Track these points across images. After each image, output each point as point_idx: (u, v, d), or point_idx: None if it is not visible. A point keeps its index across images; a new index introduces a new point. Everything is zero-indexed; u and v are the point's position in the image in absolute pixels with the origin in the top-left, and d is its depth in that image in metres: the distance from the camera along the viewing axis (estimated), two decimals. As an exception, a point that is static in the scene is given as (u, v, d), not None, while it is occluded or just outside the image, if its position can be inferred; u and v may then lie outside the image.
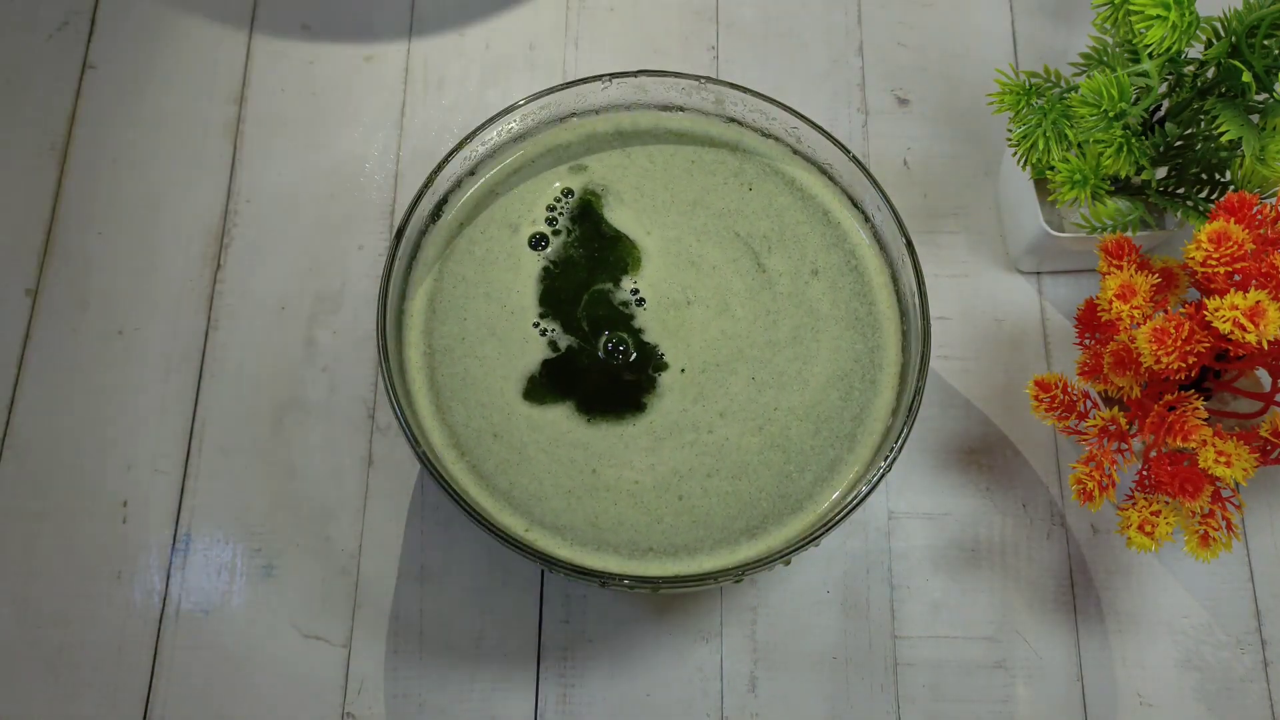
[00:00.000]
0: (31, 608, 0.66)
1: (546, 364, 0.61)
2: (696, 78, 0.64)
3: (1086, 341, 0.63)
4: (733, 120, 0.66)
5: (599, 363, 0.61)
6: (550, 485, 0.58)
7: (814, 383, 0.61)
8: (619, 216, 0.64)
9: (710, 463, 0.59)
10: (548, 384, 0.60)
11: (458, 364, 0.61)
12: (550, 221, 0.64)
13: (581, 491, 0.58)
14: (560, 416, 0.60)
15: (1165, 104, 0.65)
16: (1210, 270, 0.55)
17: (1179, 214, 0.66)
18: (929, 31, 0.81)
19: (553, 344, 0.61)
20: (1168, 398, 0.58)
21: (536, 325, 0.62)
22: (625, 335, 0.62)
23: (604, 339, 0.61)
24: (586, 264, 0.63)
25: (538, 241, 0.64)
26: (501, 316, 0.62)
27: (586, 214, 0.64)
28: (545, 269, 0.63)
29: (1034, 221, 0.69)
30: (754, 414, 0.60)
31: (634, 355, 0.61)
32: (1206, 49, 0.61)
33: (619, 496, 0.58)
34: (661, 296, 0.63)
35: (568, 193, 0.65)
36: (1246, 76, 0.58)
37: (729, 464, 0.59)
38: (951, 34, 0.81)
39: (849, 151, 0.61)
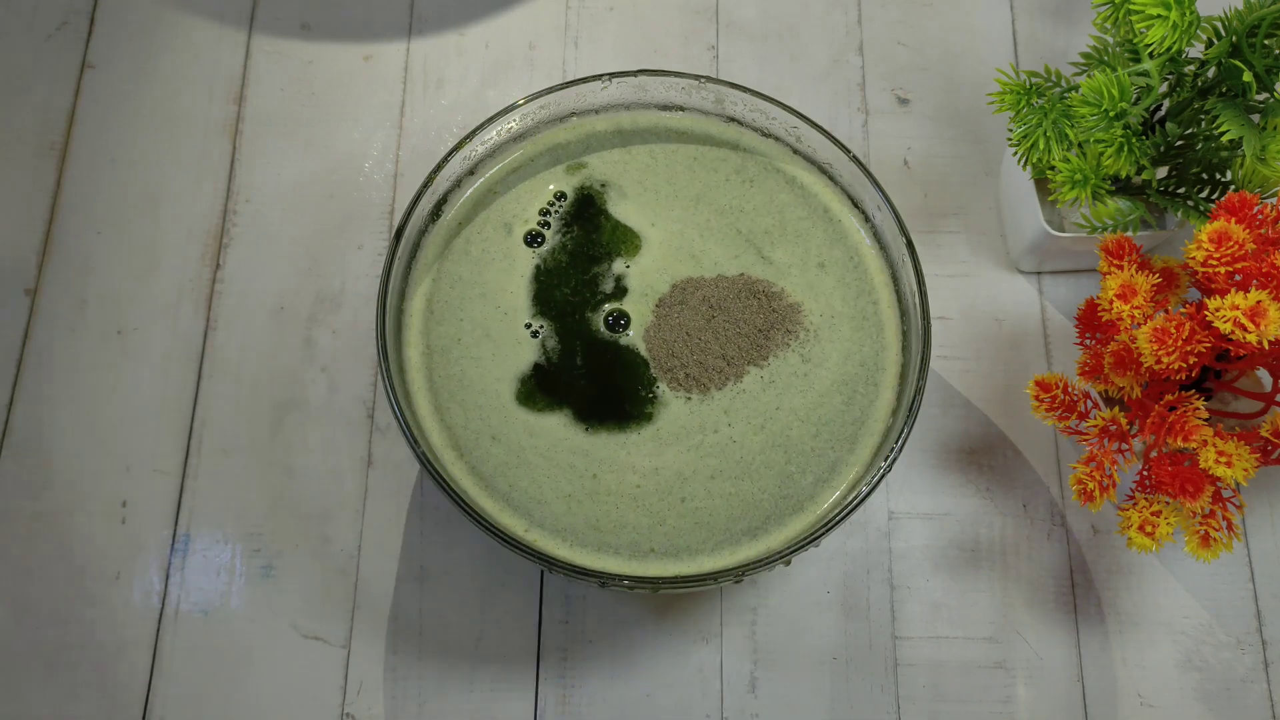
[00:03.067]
0: (31, 608, 0.66)
1: (538, 367, 0.61)
2: (696, 77, 0.63)
3: (1087, 341, 0.63)
4: (733, 120, 0.66)
5: (592, 366, 0.61)
6: (550, 490, 0.58)
7: (819, 386, 0.60)
8: (622, 210, 0.64)
9: (714, 464, 0.59)
10: (541, 388, 0.60)
11: (454, 365, 0.61)
12: (544, 223, 0.64)
13: (582, 496, 0.58)
14: (557, 424, 0.59)
15: (1166, 104, 0.65)
16: (1211, 270, 0.55)
17: (1179, 214, 0.66)
18: (929, 31, 0.81)
19: (544, 346, 0.61)
20: (1168, 398, 0.58)
21: (528, 326, 0.62)
22: (622, 307, 0.61)
23: (603, 314, 0.61)
24: (583, 262, 0.63)
25: (533, 239, 0.63)
26: (495, 317, 0.62)
27: (587, 209, 0.64)
28: (537, 268, 0.63)
29: (1034, 221, 0.69)
30: (757, 412, 0.60)
31: (630, 324, 0.61)
32: (1207, 48, 0.61)
33: (620, 500, 0.58)
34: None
35: (561, 196, 0.65)
36: (1247, 76, 0.58)
37: (732, 465, 0.59)
38: (951, 34, 0.81)
39: (849, 151, 0.61)
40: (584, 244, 0.63)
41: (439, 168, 0.61)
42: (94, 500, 0.68)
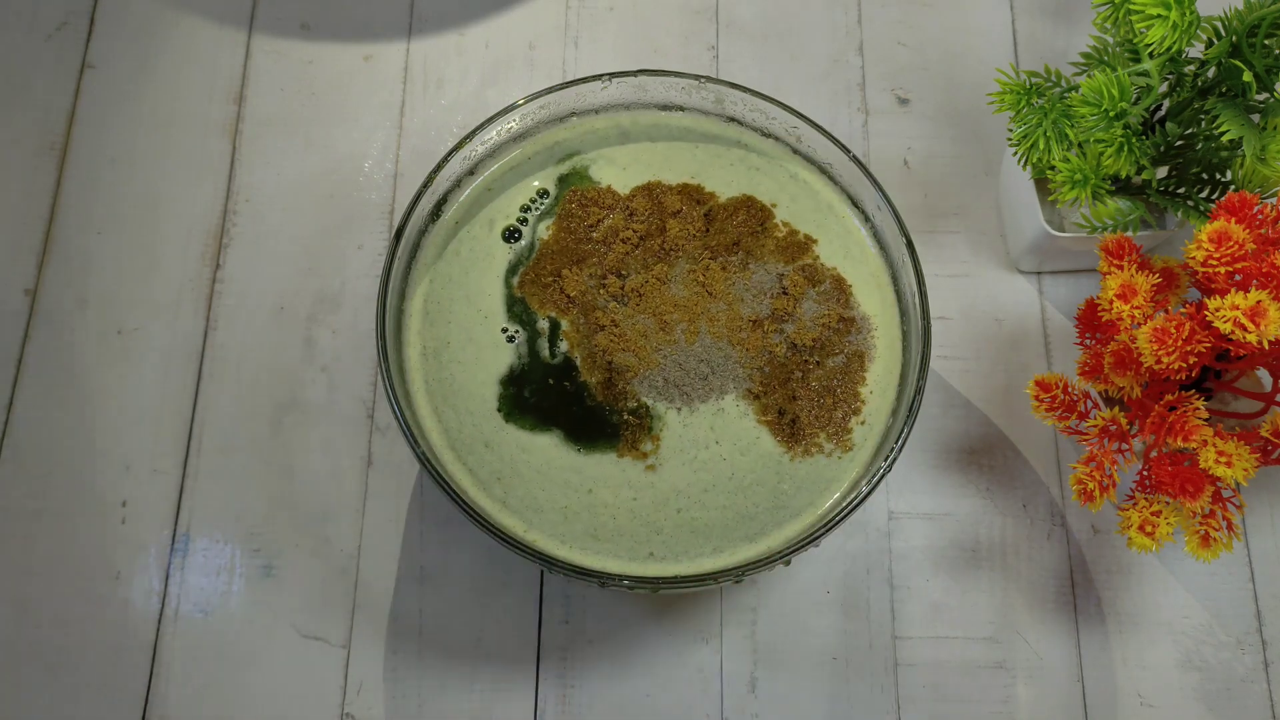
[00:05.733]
0: (31, 608, 0.66)
1: (512, 375, 0.60)
2: (696, 77, 0.63)
3: (1087, 341, 0.63)
4: (733, 120, 0.66)
5: (560, 372, 0.60)
6: (545, 500, 0.58)
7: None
8: (607, 174, 0.64)
9: (707, 479, 0.58)
10: (517, 399, 0.59)
11: (444, 369, 0.60)
12: (523, 219, 0.63)
13: (578, 508, 0.58)
14: (549, 444, 0.59)
15: (1166, 103, 0.65)
16: (1211, 270, 0.55)
17: (1179, 214, 0.66)
18: (929, 31, 0.81)
19: (518, 352, 0.60)
20: (1168, 398, 0.58)
21: (505, 330, 0.61)
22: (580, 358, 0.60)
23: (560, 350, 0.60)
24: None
25: (510, 235, 0.63)
26: (477, 320, 0.61)
27: (568, 185, 0.64)
28: (510, 265, 0.62)
29: (1034, 221, 0.69)
30: (742, 434, 0.59)
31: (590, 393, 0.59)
32: (1207, 48, 0.61)
33: (617, 512, 0.58)
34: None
35: (544, 194, 0.64)
36: (1247, 76, 0.58)
37: (724, 481, 0.58)
38: (951, 34, 0.81)
39: (849, 151, 0.61)
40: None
41: (439, 168, 0.61)
42: (94, 500, 0.68)
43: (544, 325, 0.61)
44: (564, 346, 0.60)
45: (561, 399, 0.59)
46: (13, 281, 0.73)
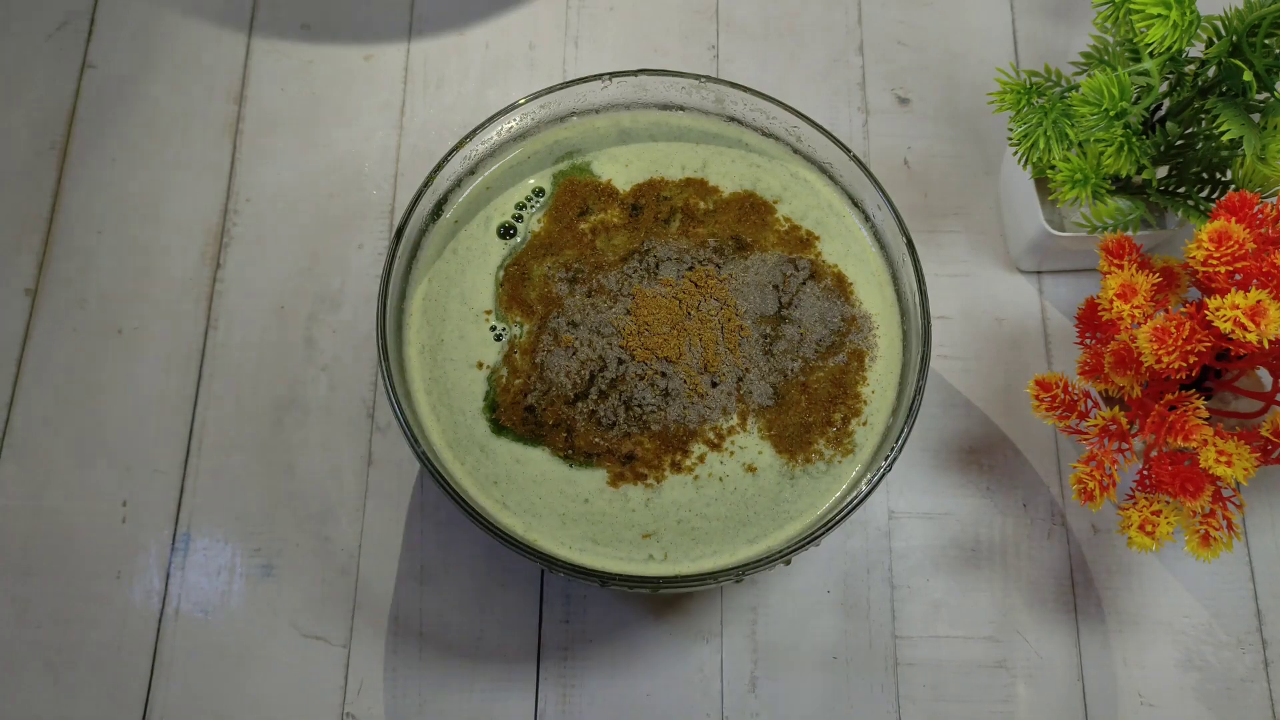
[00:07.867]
0: (31, 607, 0.66)
1: (495, 377, 0.60)
2: (696, 77, 0.63)
3: (1087, 341, 0.63)
4: (733, 119, 0.66)
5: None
6: (542, 506, 0.58)
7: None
8: (608, 172, 0.64)
9: (710, 493, 0.58)
10: (498, 404, 0.59)
11: (439, 367, 0.60)
12: (519, 216, 0.63)
13: (576, 515, 0.57)
14: (541, 457, 0.58)
15: (1166, 103, 0.65)
16: (1211, 269, 0.55)
17: (1180, 213, 0.66)
18: (929, 31, 0.81)
19: (502, 352, 0.60)
20: (1168, 397, 0.58)
21: (494, 329, 0.61)
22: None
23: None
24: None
25: (506, 231, 0.63)
26: (469, 318, 0.61)
27: (566, 180, 0.64)
28: (503, 261, 0.62)
29: (1035, 221, 0.69)
30: (749, 448, 0.59)
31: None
32: (1207, 48, 0.61)
33: (615, 521, 0.57)
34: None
35: (539, 192, 0.64)
36: (1247, 75, 0.58)
37: (727, 494, 0.58)
38: (952, 33, 0.81)
39: (849, 151, 0.61)
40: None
41: (439, 167, 0.61)
42: (94, 500, 0.68)
43: (517, 333, 0.61)
44: (520, 361, 0.60)
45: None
46: (13, 281, 0.73)
